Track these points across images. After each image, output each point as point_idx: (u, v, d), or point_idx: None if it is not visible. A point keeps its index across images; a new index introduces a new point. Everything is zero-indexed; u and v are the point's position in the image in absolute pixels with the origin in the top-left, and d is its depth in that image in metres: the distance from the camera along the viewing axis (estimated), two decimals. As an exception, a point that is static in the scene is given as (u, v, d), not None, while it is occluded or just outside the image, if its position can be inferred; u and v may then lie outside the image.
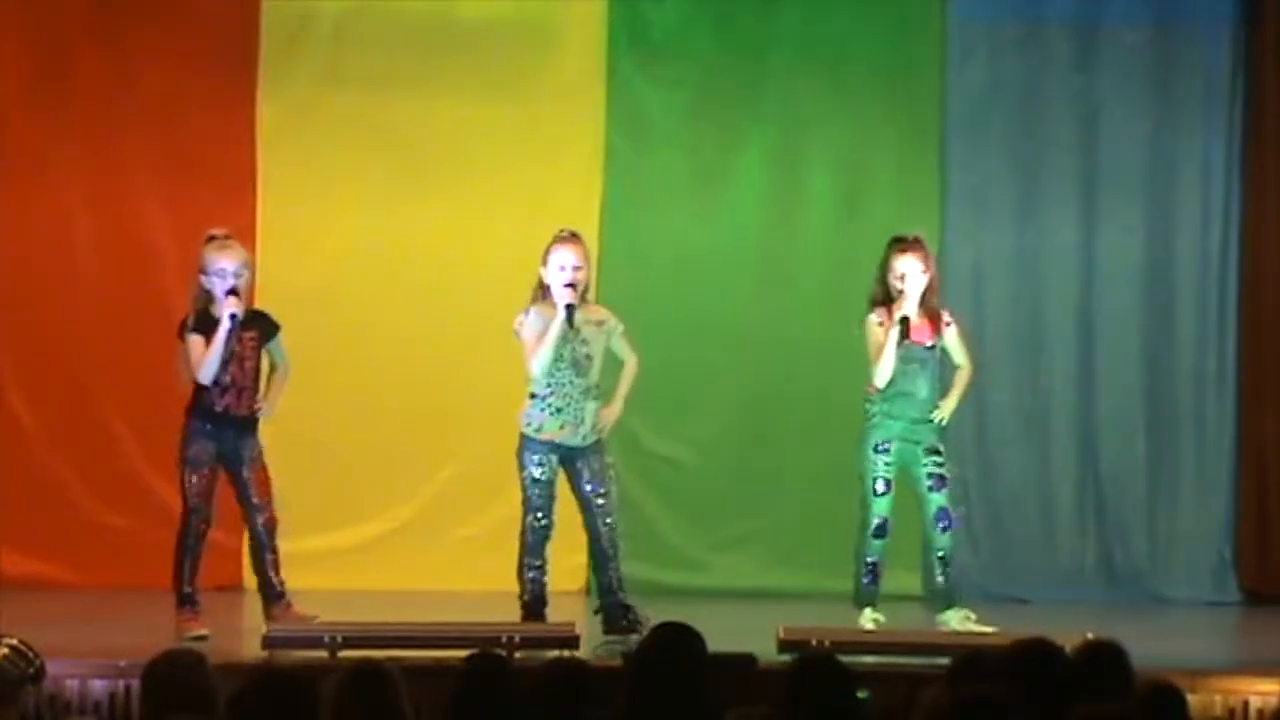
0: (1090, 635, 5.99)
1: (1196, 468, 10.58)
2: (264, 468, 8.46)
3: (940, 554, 8.51)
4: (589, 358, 8.33)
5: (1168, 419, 10.59)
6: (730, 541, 10.47)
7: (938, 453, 8.51)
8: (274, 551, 8.46)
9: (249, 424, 8.43)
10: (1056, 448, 10.57)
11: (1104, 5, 10.59)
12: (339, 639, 7.38)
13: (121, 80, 10.29)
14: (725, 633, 6.57)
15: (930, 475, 8.48)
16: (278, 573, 8.46)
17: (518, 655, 7.15)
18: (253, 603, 8.79)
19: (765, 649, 7.35)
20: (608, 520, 8.37)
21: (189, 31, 10.27)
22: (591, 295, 8.59)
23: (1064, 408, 10.58)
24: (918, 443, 8.49)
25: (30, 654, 5.86)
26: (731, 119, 10.54)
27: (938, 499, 8.50)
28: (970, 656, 5.41)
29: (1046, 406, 10.58)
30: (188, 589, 8.27)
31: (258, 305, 8.58)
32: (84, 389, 10.23)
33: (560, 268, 8.25)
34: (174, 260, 9.88)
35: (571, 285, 8.22)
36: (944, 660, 7.25)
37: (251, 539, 8.52)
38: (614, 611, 8.32)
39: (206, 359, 8.26)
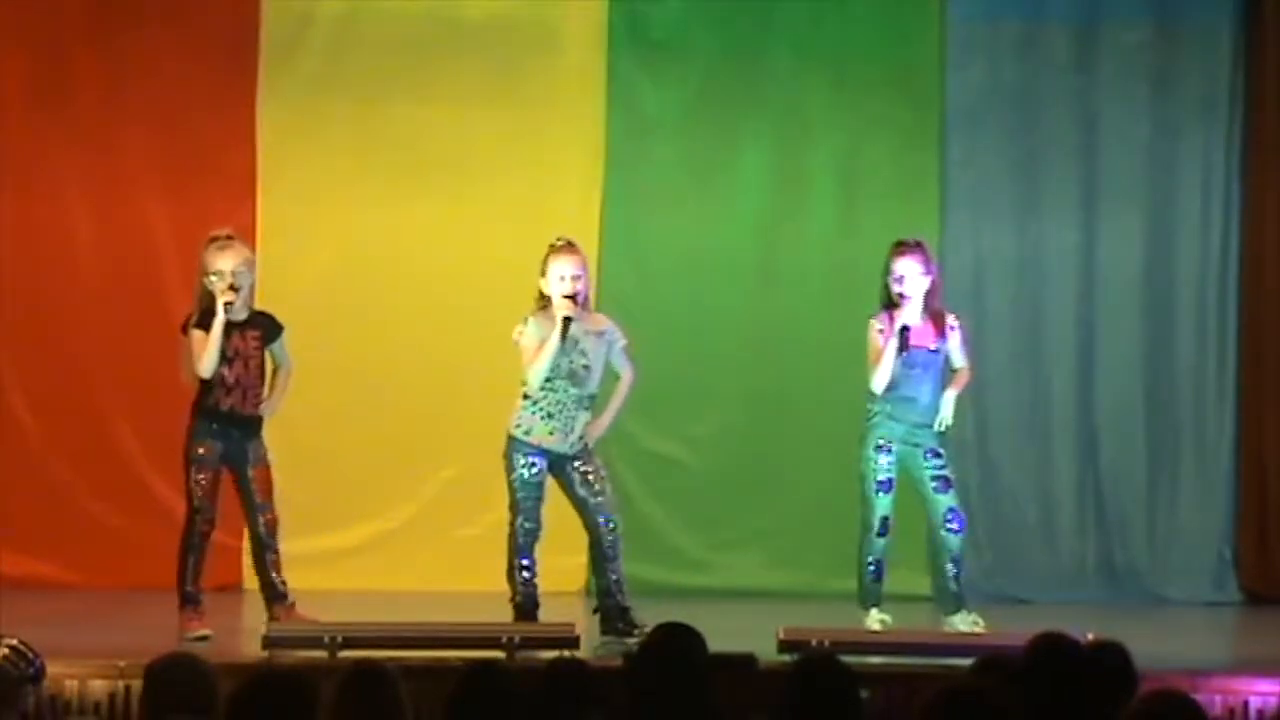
0: (1090, 636, 5.98)
1: (1196, 467, 10.58)
2: (268, 469, 8.44)
3: (952, 555, 8.46)
4: (586, 368, 8.30)
5: (1168, 419, 10.59)
6: (730, 541, 10.47)
7: (939, 455, 8.48)
8: (275, 551, 8.44)
9: (254, 424, 8.42)
10: (1056, 448, 10.56)
11: (1104, 5, 10.58)
12: (338, 639, 7.37)
13: (121, 81, 10.30)
14: (725, 633, 6.55)
15: (934, 478, 8.45)
16: (279, 573, 8.44)
17: (518, 655, 7.15)
18: (253, 603, 8.78)
19: (765, 649, 7.34)
20: (609, 519, 8.35)
21: (189, 32, 10.28)
22: (593, 304, 8.58)
23: (1064, 408, 10.58)
24: (918, 445, 8.46)
25: (30, 654, 5.85)
26: (731, 119, 10.54)
27: (945, 500, 8.46)
28: (992, 657, 5.40)
29: (1046, 406, 10.58)
30: (190, 589, 8.25)
31: (260, 306, 8.57)
32: (84, 389, 10.23)
33: (560, 278, 8.22)
34: (174, 260, 9.89)
35: (571, 296, 8.21)
36: (944, 661, 7.30)
37: (253, 540, 8.49)
38: (612, 614, 8.30)
39: (204, 352, 8.25)
